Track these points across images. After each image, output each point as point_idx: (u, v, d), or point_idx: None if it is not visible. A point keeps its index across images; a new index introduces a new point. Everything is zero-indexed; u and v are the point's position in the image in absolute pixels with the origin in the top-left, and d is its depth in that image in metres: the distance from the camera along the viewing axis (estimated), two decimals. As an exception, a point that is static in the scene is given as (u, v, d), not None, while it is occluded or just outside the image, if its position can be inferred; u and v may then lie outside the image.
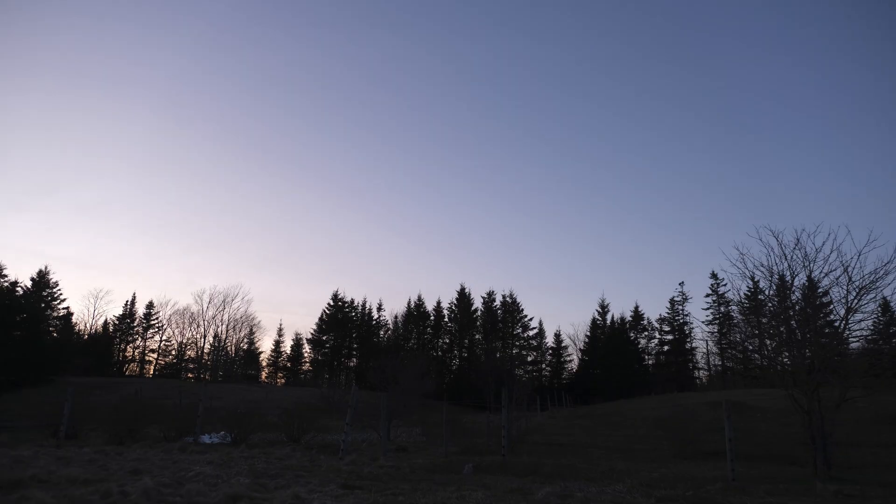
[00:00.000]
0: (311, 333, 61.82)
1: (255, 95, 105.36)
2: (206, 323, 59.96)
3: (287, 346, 64.84)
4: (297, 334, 65.57)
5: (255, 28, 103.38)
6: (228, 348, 61.99)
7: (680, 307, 56.70)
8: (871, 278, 8.99)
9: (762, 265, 10.03)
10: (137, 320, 61.81)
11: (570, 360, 61.45)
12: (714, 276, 54.05)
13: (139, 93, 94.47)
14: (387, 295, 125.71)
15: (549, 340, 61.81)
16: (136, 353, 62.07)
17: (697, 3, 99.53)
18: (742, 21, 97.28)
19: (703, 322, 59.88)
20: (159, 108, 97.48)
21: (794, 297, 10.00)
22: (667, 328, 57.54)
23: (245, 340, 62.90)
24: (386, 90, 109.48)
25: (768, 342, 10.64)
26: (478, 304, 61.18)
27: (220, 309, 60.35)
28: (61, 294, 48.44)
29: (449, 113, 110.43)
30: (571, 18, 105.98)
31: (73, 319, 55.68)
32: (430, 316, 61.19)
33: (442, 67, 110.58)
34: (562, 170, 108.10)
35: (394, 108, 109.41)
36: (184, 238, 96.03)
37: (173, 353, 61.34)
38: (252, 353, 63.63)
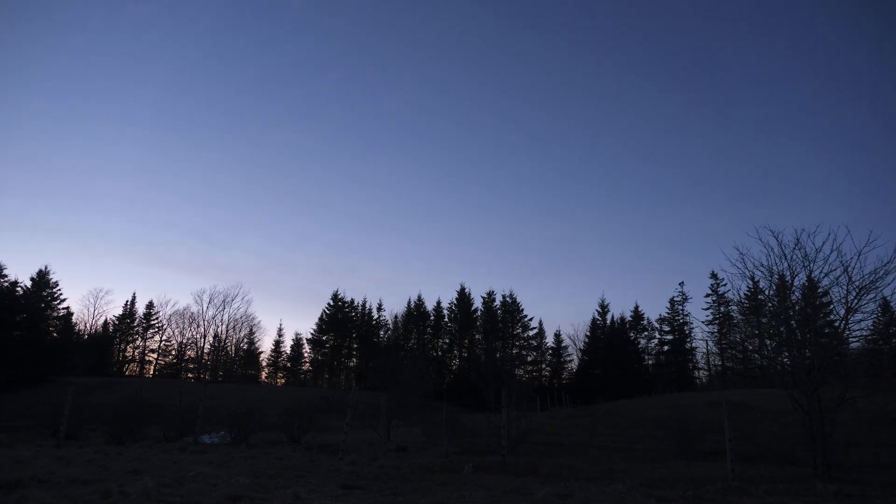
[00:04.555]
0: (311, 333, 61.91)
1: (257, 95, 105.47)
2: (206, 323, 60.03)
3: (287, 346, 64.97)
4: (297, 334, 65.66)
5: (253, 28, 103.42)
6: (228, 348, 62.03)
7: (680, 307, 56.70)
8: (871, 278, 9.01)
9: (762, 265, 10.05)
10: (137, 320, 61.83)
11: (570, 360, 61.50)
12: (714, 276, 54.07)
13: (140, 92, 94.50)
14: (387, 295, 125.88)
15: (549, 340, 61.90)
16: (136, 353, 62.13)
17: (697, 4, 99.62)
18: (741, 20, 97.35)
19: (703, 322, 59.98)
20: (160, 106, 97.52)
21: (794, 297, 10.00)
22: (667, 328, 57.54)
23: (245, 340, 62.98)
24: (385, 89, 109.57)
25: (768, 342, 10.64)
26: (478, 304, 61.31)
27: (220, 309, 60.42)
28: (61, 294, 48.41)
29: (448, 112, 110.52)
30: (570, 18, 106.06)
31: (73, 319, 55.69)
32: (430, 316, 61.19)
33: (441, 66, 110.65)
34: (562, 169, 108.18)
35: (394, 108, 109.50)
36: (185, 237, 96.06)
37: (173, 353, 61.36)
38: (252, 353, 63.66)
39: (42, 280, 45.90)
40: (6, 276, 36.49)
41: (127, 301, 62.81)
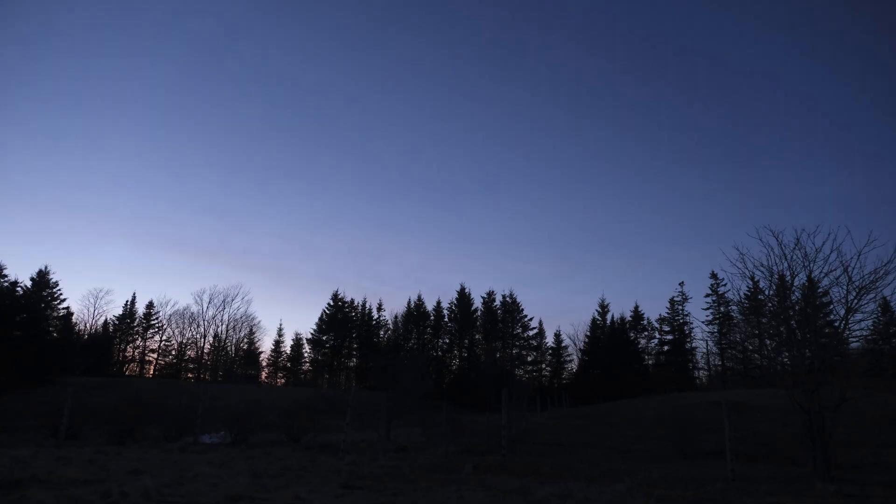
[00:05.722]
0: (311, 333, 61.88)
1: (258, 94, 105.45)
2: (206, 323, 59.98)
3: (287, 346, 64.98)
4: (297, 334, 65.66)
5: (254, 30, 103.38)
6: (228, 348, 62.00)
7: (680, 307, 56.68)
8: (871, 278, 9.00)
9: (762, 265, 10.04)
10: (137, 320, 61.78)
11: (570, 360, 61.46)
12: (714, 276, 54.05)
13: (141, 92, 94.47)
14: (387, 295, 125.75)
15: (549, 340, 61.88)
16: (136, 353, 62.08)
17: (697, 3, 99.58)
18: (742, 20, 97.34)
19: (703, 322, 59.91)
20: (162, 106, 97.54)
21: (794, 297, 10.00)
22: (667, 328, 57.53)
23: (245, 340, 62.94)
24: (385, 89, 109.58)
25: (768, 342, 10.65)
26: (478, 304, 61.28)
27: (220, 309, 60.39)
28: (61, 294, 48.44)
29: (448, 112, 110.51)
30: (571, 16, 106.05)
31: (73, 319, 55.68)
32: (430, 316, 61.19)
33: (441, 65, 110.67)
34: (562, 169, 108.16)
35: (393, 108, 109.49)
36: (185, 237, 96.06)
37: (173, 353, 61.35)
38: (252, 353, 63.62)
39: (42, 280, 45.93)
40: (6, 276, 36.53)
41: (127, 301, 62.83)
